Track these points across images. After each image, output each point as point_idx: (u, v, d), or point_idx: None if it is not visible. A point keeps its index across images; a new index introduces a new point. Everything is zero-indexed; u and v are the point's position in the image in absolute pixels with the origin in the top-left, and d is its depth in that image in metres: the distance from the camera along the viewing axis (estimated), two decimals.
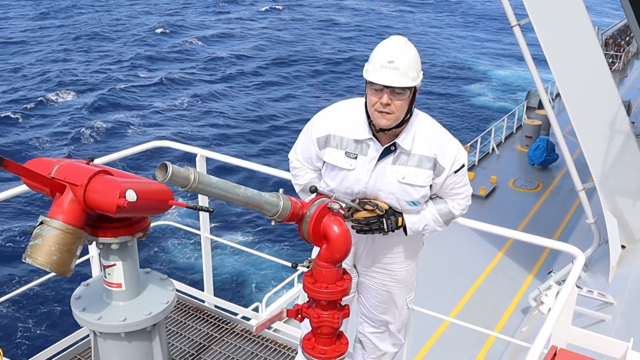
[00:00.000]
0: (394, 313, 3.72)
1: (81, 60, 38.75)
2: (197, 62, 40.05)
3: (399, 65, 3.00)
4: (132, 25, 49.49)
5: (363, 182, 3.25)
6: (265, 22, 53.82)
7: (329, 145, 3.30)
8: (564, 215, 15.84)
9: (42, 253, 2.79)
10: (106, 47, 42.28)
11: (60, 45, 41.77)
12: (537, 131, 20.26)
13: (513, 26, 10.19)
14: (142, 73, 37.17)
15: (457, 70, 42.25)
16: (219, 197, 2.61)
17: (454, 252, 13.35)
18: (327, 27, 52.41)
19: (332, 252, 2.84)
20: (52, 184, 2.90)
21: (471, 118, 33.33)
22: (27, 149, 25.39)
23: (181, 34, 46.90)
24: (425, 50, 47.12)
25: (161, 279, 3.54)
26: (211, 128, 29.29)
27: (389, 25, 54.74)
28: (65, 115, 29.62)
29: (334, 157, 3.29)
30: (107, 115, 29.95)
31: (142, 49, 42.02)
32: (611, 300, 10.30)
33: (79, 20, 49.80)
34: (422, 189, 3.27)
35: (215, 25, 50.86)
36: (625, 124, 11.49)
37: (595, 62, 11.15)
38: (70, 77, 35.22)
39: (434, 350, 10.67)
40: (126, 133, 28.13)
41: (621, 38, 31.48)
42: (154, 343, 3.39)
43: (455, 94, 37.09)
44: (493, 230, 3.83)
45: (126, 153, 4.91)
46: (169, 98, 33.24)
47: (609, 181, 11.15)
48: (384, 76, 3.01)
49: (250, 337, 4.67)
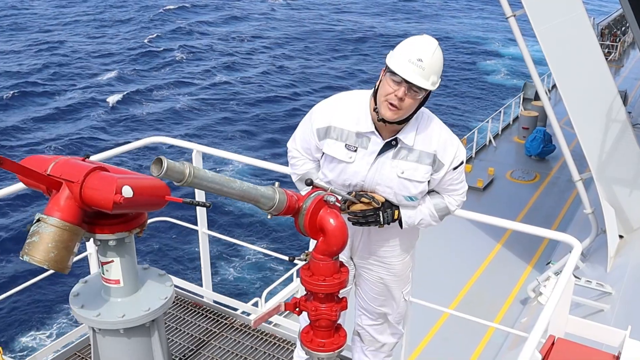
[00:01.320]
0: (392, 305, 3.73)
1: (75, 56, 38.65)
2: (194, 58, 39.99)
3: (426, 65, 2.98)
4: (128, 20, 49.39)
5: (361, 175, 3.24)
6: (263, 18, 53.74)
7: (329, 136, 3.27)
8: (562, 206, 15.88)
9: (39, 250, 2.79)
10: (101, 42, 42.19)
11: (54, 41, 41.66)
12: (534, 122, 20.27)
13: (508, 17, 10.19)
14: (138, 69, 37.10)
15: (471, 48, 42.74)
16: (215, 191, 2.60)
17: (452, 244, 13.37)
18: (327, 27, 52.33)
19: (329, 245, 2.84)
20: (48, 181, 2.90)
21: (488, 95, 33.51)
22: (23, 147, 25.35)
23: (177, 31, 46.80)
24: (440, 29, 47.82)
25: (159, 275, 3.54)
26: (208, 124, 29.28)
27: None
28: (60, 113, 29.58)
29: (333, 149, 3.26)
30: (103, 112, 29.91)
31: (138, 45, 41.95)
32: (609, 290, 10.33)
33: (74, 13, 49.72)
34: (420, 184, 3.26)
35: (212, 23, 50.76)
36: (622, 113, 11.51)
37: (591, 52, 11.17)
38: (64, 73, 35.14)
39: (434, 342, 10.70)
40: (122, 129, 28.10)
41: (617, 28, 31.46)
42: (153, 339, 3.39)
43: (469, 72, 37.60)
44: (491, 222, 3.83)
45: (122, 149, 4.90)
46: (165, 94, 33.20)
47: (606, 171, 11.17)
48: (409, 71, 2.98)
49: (249, 331, 4.68)
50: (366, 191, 3.29)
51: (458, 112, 32.29)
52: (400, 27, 50.84)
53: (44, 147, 25.47)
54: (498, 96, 34.59)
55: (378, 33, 48.55)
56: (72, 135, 26.96)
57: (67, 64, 37.22)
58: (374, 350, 3.93)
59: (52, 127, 27.91)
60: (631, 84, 25.31)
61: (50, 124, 28.19)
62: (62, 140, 26.49)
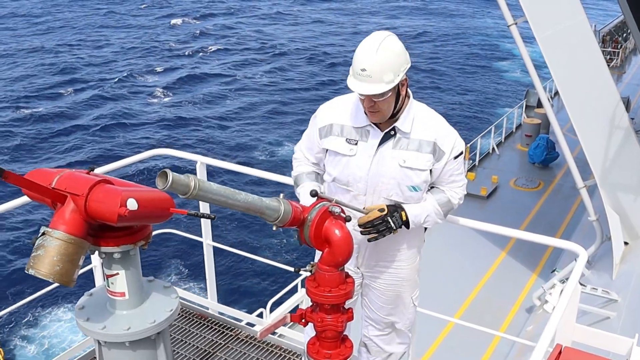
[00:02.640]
0: (402, 312, 3.72)
1: (79, 68, 38.78)
2: (199, 68, 40.09)
3: (371, 72, 3.04)
4: (133, 32, 49.57)
5: (365, 168, 3.28)
6: (269, 27, 53.91)
7: (331, 134, 3.38)
8: (566, 214, 15.83)
9: (44, 264, 2.79)
10: (106, 54, 42.34)
11: (57, 52, 41.82)
12: (537, 130, 20.26)
13: (510, 25, 10.19)
14: (142, 81, 37.21)
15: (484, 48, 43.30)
16: (220, 203, 2.61)
17: (457, 252, 13.34)
18: (329, 30, 52.46)
19: (335, 256, 2.85)
20: (53, 195, 2.90)
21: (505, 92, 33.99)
22: (27, 160, 25.41)
23: (183, 43, 46.97)
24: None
25: (164, 287, 3.53)
26: (211, 135, 29.31)
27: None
28: (64, 125, 29.65)
29: (335, 144, 3.36)
30: (107, 125, 29.96)
31: (142, 56, 42.10)
32: (615, 297, 10.29)
33: (77, 23, 49.90)
34: (422, 172, 3.30)
35: (216, 34, 50.93)
36: (625, 120, 11.49)
37: (593, 59, 11.16)
38: (68, 86, 35.25)
39: (440, 351, 10.65)
40: (126, 141, 28.14)
41: (618, 34, 31.49)
42: (158, 351, 3.39)
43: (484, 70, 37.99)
44: (495, 230, 3.83)
45: (126, 162, 4.90)
46: (170, 106, 33.28)
47: (610, 178, 11.14)
48: (358, 86, 3.09)
49: (254, 343, 4.66)
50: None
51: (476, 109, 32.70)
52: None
53: (48, 160, 25.52)
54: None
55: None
56: (76, 149, 27.01)
57: (71, 74, 37.34)
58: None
59: (56, 140, 27.97)
60: (633, 90, 25.29)
61: (55, 137, 28.24)
62: (67, 153, 26.54)
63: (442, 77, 39.68)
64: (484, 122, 29.77)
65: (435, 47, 47.25)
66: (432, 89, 36.91)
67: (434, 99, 34.07)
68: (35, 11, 57.24)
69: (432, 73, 40.18)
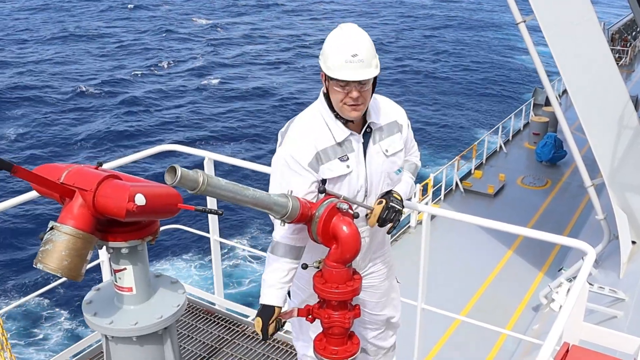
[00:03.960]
0: (392, 299, 3.71)
1: (89, 65, 38.89)
2: (207, 65, 40.14)
3: (363, 57, 2.97)
4: (143, 31, 49.67)
5: (362, 176, 3.24)
6: (275, 23, 53.92)
7: (322, 162, 3.16)
8: (574, 212, 15.78)
9: (53, 258, 2.80)
10: (116, 53, 42.44)
11: (67, 52, 41.94)
12: (545, 128, 20.21)
13: (518, 23, 10.16)
14: (151, 77, 37.28)
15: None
16: (228, 199, 2.61)
17: (464, 250, 13.33)
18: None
19: (342, 252, 2.85)
20: (61, 190, 2.91)
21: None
22: (36, 155, 25.50)
23: (191, 40, 47.02)
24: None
25: (172, 283, 3.55)
26: (219, 130, 29.35)
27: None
28: (73, 121, 29.74)
29: (334, 169, 3.17)
30: (116, 120, 30.04)
31: (151, 54, 42.18)
32: (623, 296, 10.25)
33: (86, 21, 50.04)
34: (401, 152, 3.36)
35: (227, 28, 50.96)
36: (634, 118, 11.44)
37: (601, 57, 11.11)
38: (76, 83, 35.34)
39: (446, 349, 10.65)
40: (134, 137, 28.20)
41: (627, 33, 31.35)
42: (165, 346, 3.40)
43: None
44: (503, 228, 3.81)
45: (135, 157, 4.91)
46: (177, 102, 33.33)
47: (618, 177, 11.09)
48: (353, 72, 2.96)
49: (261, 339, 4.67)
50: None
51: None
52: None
53: (56, 155, 25.60)
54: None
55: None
56: (84, 144, 27.09)
57: (78, 71, 37.44)
58: (381, 356, 3.91)
59: (65, 135, 28.05)
60: None
61: (63, 133, 28.33)
62: (75, 148, 26.62)
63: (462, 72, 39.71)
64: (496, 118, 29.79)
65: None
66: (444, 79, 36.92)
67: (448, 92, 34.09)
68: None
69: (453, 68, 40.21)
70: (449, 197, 16.67)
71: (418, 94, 35.70)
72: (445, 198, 16.49)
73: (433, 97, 35.07)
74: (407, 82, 37.59)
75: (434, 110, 33.15)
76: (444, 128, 30.66)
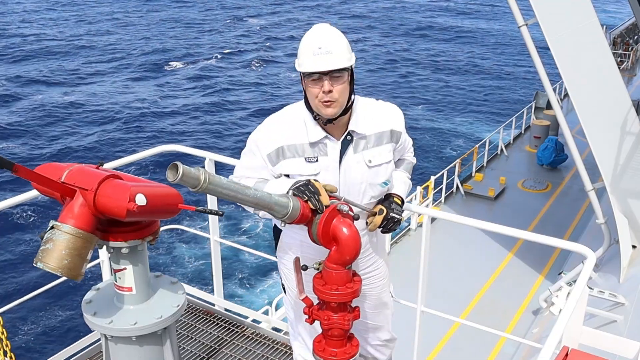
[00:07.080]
0: (386, 306, 3.67)
1: (88, 64, 38.92)
2: (209, 66, 40.17)
3: (331, 48, 2.95)
4: (142, 33, 49.71)
5: (334, 182, 3.13)
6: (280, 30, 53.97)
7: (284, 157, 3.13)
8: (574, 216, 15.78)
9: (53, 257, 2.80)
10: (115, 52, 42.47)
11: (70, 51, 41.99)
12: (546, 131, 20.20)
13: (520, 26, 10.16)
14: (152, 77, 37.30)
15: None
16: (229, 198, 2.61)
17: (464, 253, 13.33)
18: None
19: (342, 254, 2.84)
20: (62, 189, 2.91)
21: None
22: (37, 154, 25.51)
23: (194, 41, 47.06)
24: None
25: (171, 283, 3.54)
26: (220, 132, 29.36)
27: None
28: (74, 121, 29.75)
29: (294, 167, 3.12)
30: (117, 120, 30.05)
31: (152, 54, 42.21)
32: (622, 301, 10.24)
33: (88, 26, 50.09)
34: (388, 165, 3.24)
35: (229, 34, 50.99)
36: (635, 123, 11.46)
37: (603, 61, 11.12)
38: (77, 82, 35.37)
39: (445, 352, 10.65)
40: (136, 137, 28.22)
41: (629, 37, 31.32)
42: (165, 347, 3.40)
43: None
44: (503, 231, 3.81)
45: (136, 157, 4.92)
46: (181, 103, 33.36)
47: (619, 181, 11.09)
48: (319, 62, 2.94)
49: (260, 340, 4.67)
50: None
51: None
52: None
53: (58, 154, 25.61)
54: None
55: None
56: (86, 143, 27.11)
57: (82, 71, 37.47)
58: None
59: (67, 135, 28.07)
60: None
61: (65, 132, 28.35)
62: (77, 147, 26.63)
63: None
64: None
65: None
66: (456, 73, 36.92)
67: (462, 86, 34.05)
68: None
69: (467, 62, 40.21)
70: (450, 200, 16.67)
71: (419, 96, 35.71)
72: (445, 201, 16.49)
73: (433, 99, 35.08)
74: (408, 84, 37.61)
75: (435, 112, 33.17)
76: (444, 130, 30.67)
